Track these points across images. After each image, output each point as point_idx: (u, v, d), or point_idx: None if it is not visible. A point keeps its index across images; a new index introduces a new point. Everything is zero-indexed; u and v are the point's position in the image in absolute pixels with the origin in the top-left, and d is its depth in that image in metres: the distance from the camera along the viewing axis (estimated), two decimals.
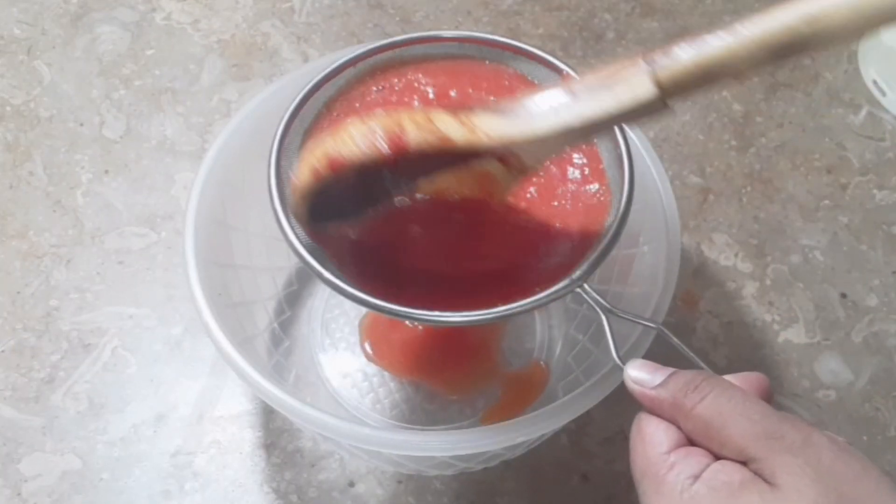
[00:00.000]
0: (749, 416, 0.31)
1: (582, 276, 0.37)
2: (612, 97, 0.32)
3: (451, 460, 0.46)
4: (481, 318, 0.36)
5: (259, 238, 0.52)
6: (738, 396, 0.32)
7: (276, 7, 0.71)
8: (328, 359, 0.55)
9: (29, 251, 0.59)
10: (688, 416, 0.32)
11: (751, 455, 0.30)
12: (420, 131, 0.36)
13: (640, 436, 0.33)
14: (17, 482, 0.51)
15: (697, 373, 0.33)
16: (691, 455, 0.32)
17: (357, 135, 0.36)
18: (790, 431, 0.30)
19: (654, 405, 0.33)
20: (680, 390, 0.33)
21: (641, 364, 0.35)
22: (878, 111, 0.67)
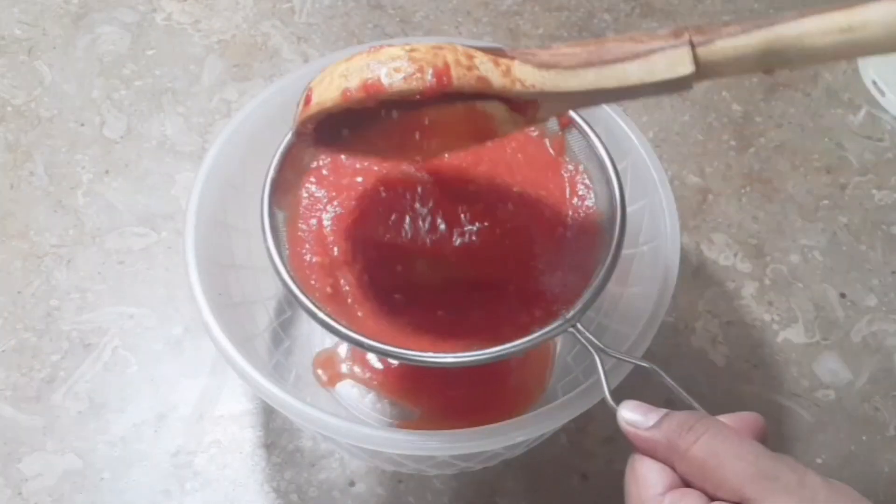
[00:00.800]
0: (744, 456, 0.31)
1: (576, 316, 0.38)
2: (649, 67, 0.33)
3: (451, 460, 0.46)
4: (473, 359, 0.37)
5: (259, 238, 0.52)
6: (733, 437, 0.32)
7: (277, 7, 0.72)
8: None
9: (30, 251, 0.59)
10: (682, 457, 0.32)
11: (746, 496, 0.30)
12: (461, 69, 0.35)
13: (634, 477, 0.33)
14: (18, 482, 0.51)
15: (691, 414, 0.33)
16: (686, 496, 0.31)
17: (404, 64, 0.34)
18: (785, 472, 0.30)
19: (649, 446, 0.33)
20: (674, 431, 0.32)
21: (635, 405, 0.35)
22: (878, 111, 0.67)
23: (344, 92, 0.35)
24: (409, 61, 0.34)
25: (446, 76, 0.34)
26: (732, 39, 0.32)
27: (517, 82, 0.35)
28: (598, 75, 0.34)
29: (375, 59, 0.35)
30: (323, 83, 0.36)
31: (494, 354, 0.37)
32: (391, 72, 0.34)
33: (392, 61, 0.35)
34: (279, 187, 0.41)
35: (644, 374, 0.38)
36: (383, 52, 0.35)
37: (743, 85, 0.68)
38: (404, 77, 0.34)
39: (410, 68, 0.34)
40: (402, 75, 0.34)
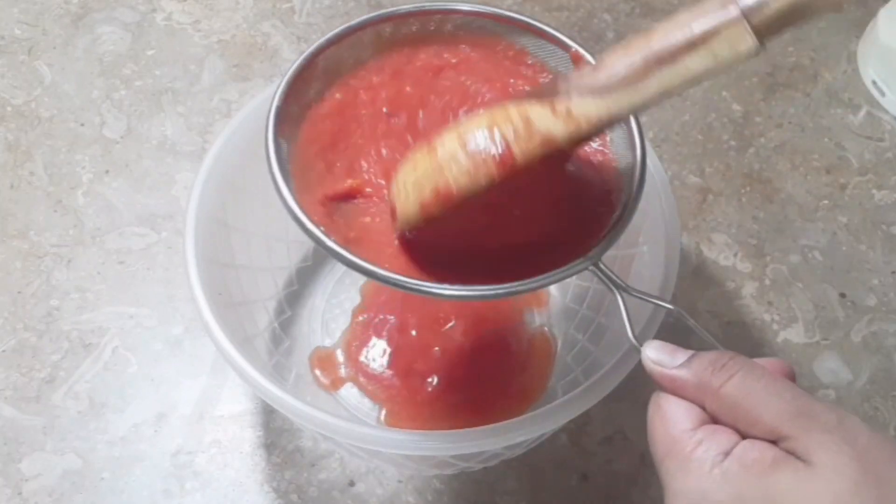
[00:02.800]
0: (780, 394, 0.30)
1: (597, 254, 0.36)
2: (709, 54, 0.31)
3: (451, 460, 0.46)
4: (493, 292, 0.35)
5: (259, 238, 0.52)
6: (768, 376, 0.31)
7: (277, 7, 0.72)
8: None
9: (30, 251, 0.59)
10: (715, 395, 0.31)
11: (783, 434, 0.29)
12: (521, 140, 0.34)
13: (660, 414, 0.32)
14: (18, 482, 0.51)
15: (722, 352, 0.32)
16: (719, 432, 0.31)
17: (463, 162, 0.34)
18: (824, 411, 0.29)
19: (677, 386, 0.32)
20: (705, 370, 0.32)
21: (660, 345, 0.34)
22: (878, 111, 0.67)
23: (422, 206, 0.35)
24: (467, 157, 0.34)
25: (509, 157, 0.34)
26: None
27: (581, 123, 0.33)
28: (661, 81, 0.32)
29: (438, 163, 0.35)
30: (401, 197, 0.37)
31: (514, 288, 0.35)
32: (456, 175, 0.34)
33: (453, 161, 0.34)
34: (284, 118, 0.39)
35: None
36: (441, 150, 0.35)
37: (743, 85, 0.68)
38: (469, 176, 0.34)
39: (472, 164, 0.34)
40: (467, 175, 0.34)
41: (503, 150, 0.34)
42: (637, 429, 0.53)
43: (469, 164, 0.34)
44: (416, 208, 0.36)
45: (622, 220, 0.37)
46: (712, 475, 0.30)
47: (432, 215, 0.35)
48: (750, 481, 0.29)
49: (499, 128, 0.34)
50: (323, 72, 0.41)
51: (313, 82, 0.41)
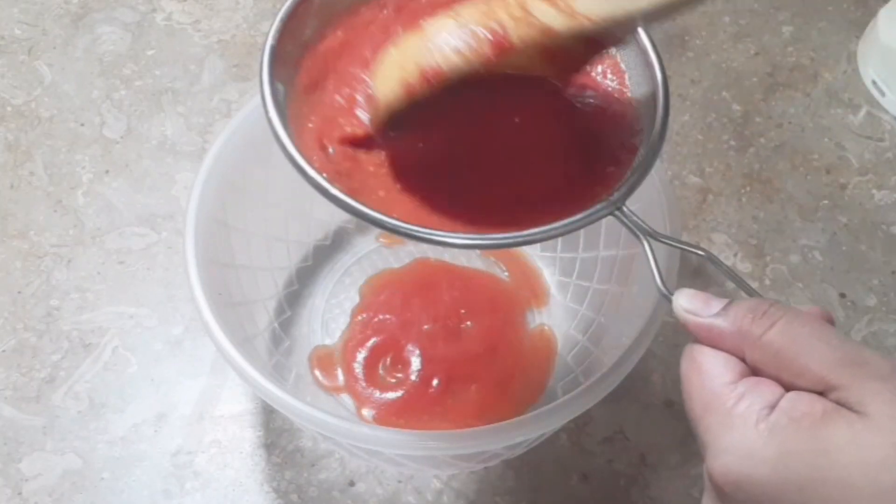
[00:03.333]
0: (828, 341, 0.28)
1: (621, 198, 0.34)
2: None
3: (451, 460, 0.46)
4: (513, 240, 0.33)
5: (259, 238, 0.52)
6: (812, 322, 0.29)
7: (277, 7, 0.71)
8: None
9: (30, 251, 0.59)
10: (756, 344, 0.29)
11: (832, 383, 0.27)
12: (519, 25, 0.31)
13: (695, 367, 0.30)
14: (18, 482, 0.51)
15: (762, 300, 0.30)
16: (762, 384, 0.29)
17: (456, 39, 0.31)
18: (875, 358, 0.27)
19: (713, 335, 0.30)
20: (744, 317, 0.29)
21: (693, 293, 0.32)
22: (878, 111, 0.67)
23: (406, 87, 0.33)
24: (460, 33, 0.32)
25: (505, 40, 0.31)
26: None
27: (583, 20, 0.31)
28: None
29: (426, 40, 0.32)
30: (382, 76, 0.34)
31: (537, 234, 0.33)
32: (446, 52, 0.31)
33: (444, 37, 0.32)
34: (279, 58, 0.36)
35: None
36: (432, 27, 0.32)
37: (743, 85, 0.68)
38: (460, 54, 0.31)
39: (463, 42, 0.31)
40: (458, 53, 0.31)
41: (500, 33, 0.31)
42: (637, 429, 0.53)
43: (461, 44, 0.32)
44: (399, 89, 0.33)
45: (646, 161, 0.35)
46: (758, 430, 0.27)
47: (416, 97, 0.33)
48: (800, 435, 0.27)
49: (496, 13, 0.32)
50: (319, 8, 0.38)
51: (310, 19, 0.38)
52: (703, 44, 0.70)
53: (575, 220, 0.33)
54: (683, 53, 0.69)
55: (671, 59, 0.69)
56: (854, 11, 0.72)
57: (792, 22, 0.71)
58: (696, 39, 0.70)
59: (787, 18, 0.72)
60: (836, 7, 0.72)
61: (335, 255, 0.59)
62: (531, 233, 0.33)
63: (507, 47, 0.31)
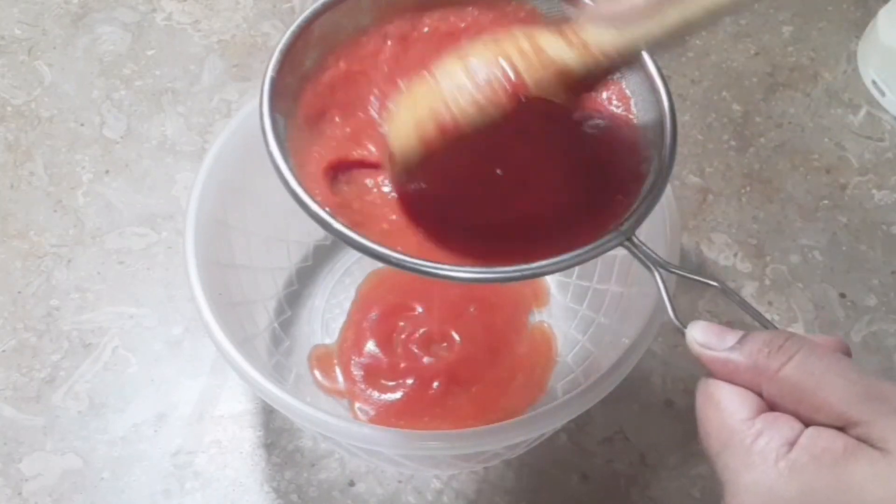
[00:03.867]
0: (846, 375, 0.27)
1: (630, 228, 0.33)
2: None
3: (451, 460, 0.46)
4: (521, 273, 0.32)
5: (259, 238, 0.52)
6: (830, 356, 0.28)
7: (277, 7, 0.72)
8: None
9: (30, 251, 0.59)
10: (772, 379, 0.28)
11: (853, 419, 0.27)
12: (533, 69, 0.31)
13: (712, 403, 0.29)
14: (18, 482, 0.51)
15: (777, 332, 0.30)
16: (780, 420, 0.28)
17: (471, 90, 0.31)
18: (895, 392, 0.27)
19: (729, 369, 0.30)
20: (760, 351, 0.29)
21: (706, 326, 0.31)
22: (878, 111, 0.67)
23: (423, 141, 0.32)
24: (475, 82, 0.31)
25: (521, 87, 0.31)
26: None
27: (597, 54, 0.31)
28: (682, 11, 0.29)
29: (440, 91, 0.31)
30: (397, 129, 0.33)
31: (546, 267, 0.32)
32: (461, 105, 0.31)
33: (459, 89, 0.31)
34: (279, 90, 0.36)
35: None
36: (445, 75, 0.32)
37: (743, 85, 0.68)
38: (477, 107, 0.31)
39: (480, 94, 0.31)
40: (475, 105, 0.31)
41: (514, 80, 0.31)
42: (637, 429, 0.53)
43: (477, 94, 0.31)
44: (417, 145, 0.32)
45: (655, 188, 0.34)
46: (778, 468, 0.27)
47: (435, 151, 0.32)
48: (821, 473, 0.26)
49: (509, 56, 0.31)
50: (319, 40, 0.38)
51: (309, 51, 0.38)
52: (703, 44, 0.70)
53: (584, 252, 0.33)
54: (683, 53, 0.69)
55: (671, 59, 0.69)
56: (854, 11, 0.72)
57: (792, 22, 0.71)
58: (696, 39, 0.70)
59: (787, 18, 0.72)
60: (836, 7, 0.72)
61: (335, 255, 0.59)
62: (540, 265, 0.32)
63: (522, 95, 0.31)
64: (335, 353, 0.55)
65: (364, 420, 0.52)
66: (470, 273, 0.33)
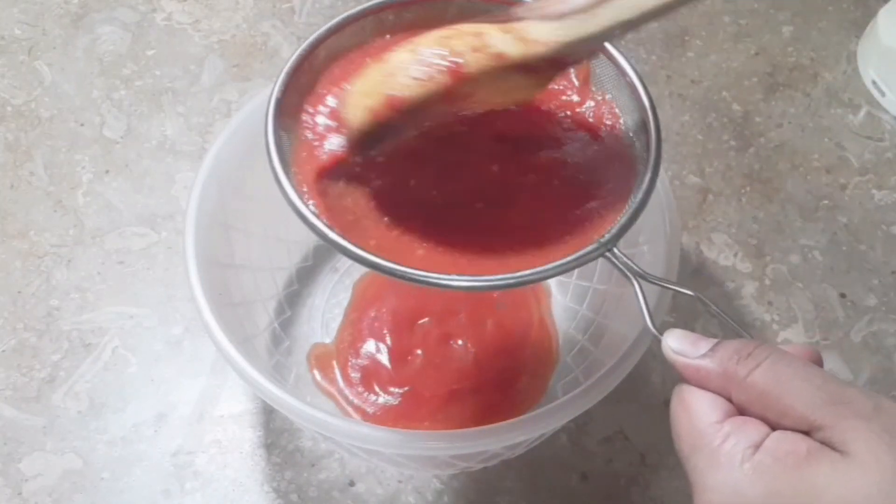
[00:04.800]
0: (811, 380, 0.28)
1: (611, 240, 0.35)
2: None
3: (451, 460, 0.46)
4: (503, 282, 0.34)
5: (259, 238, 0.52)
6: (797, 362, 0.29)
7: (277, 7, 0.72)
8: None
9: (29, 251, 0.59)
10: (741, 385, 0.29)
11: (816, 423, 0.28)
12: (475, 54, 0.33)
13: (684, 406, 0.31)
14: (18, 482, 0.51)
15: (748, 340, 0.31)
16: (748, 424, 0.29)
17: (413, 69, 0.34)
18: (858, 397, 0.28)
19: (701, 376, 0.31)
20: (730, 358, 0.30)
21: (682, 334, 0.32)
22: (878, 111, 0.67)
23: (371, 112, 0.35)
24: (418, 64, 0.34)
25: (461, 67, 0.33)
26: None
27: (535, 44, 0.33)
28: (616, 10, 0.32)
29: (387, 71, 0.35)
30: (348, 105, 0.36)
31: (525, 277, 0.34)
32: (406, 81, 0.34)
33: (403, 68, 0.34)
34: (283, 109, 0.38)
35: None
36: (392, 60, 0.35)
37: (743, 85, 0.68)
38: (419, 82, 0.34)
39: (422, 71, 0.34)
40: (417, 81, 0.34)
41: (455, 60, 0.33)
42: (637, 429, 0.53)
43: (419, 72, 0.34)
44: (365, 114, 0.35)
45: (638, 203, 0.36)
46: (743, 469, 0.28)
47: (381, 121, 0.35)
48: (784, 475, 0.27)
49: (451, 41, 0.34)
50: (324, 60, 0.40)
51: (313, 72, 0.40)
52: (703, 44, 0.70)
53: (566, 262, 0.34)
54: (683, 53, 0.69)
55: (671, 59, 0.69)
56: (854, 11, 0.72)
57: (792, 22, 0.71)
58: (696, 39, 0.70)
59: (787, 18, 0.72)
60: (836, 7, 0.72)
61: (335, 255, 0.59)
62: (522, 275, 0.34)
63: (462, 74, 0.33)
64: (333, 353, 0.55)
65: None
66: (455, 281, 0.34)
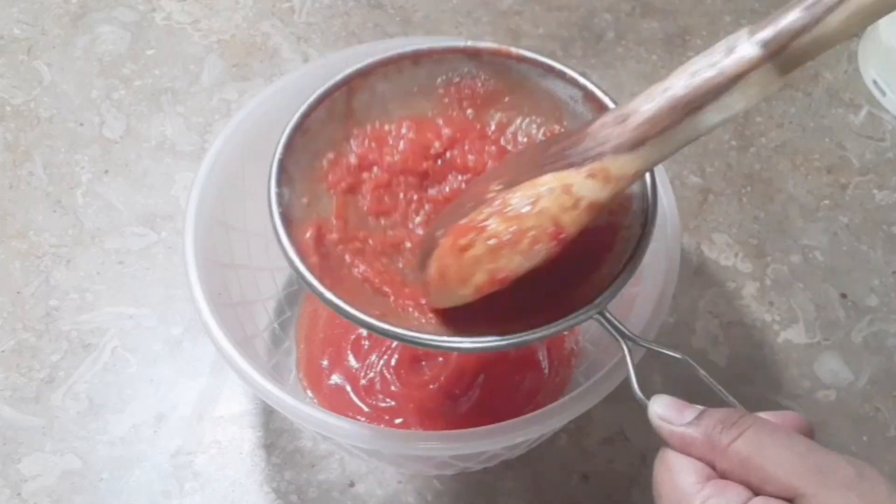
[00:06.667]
0: (793, 448, 0.29)
1: (603, 302, 0.36)
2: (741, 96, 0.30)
3: (451, 460, 0.46)
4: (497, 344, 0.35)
5: (259, 238, 0.52)
6: (779, 431, 0.30)
7: (276, 7, 0.71)
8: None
9: (29, 251, 0.59)
10: (724, 453, 0.30)
11: (799, 491, 0.28)
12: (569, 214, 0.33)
13: (666, 467, 0.31)
14: (17, 482, 0.51)
15: (733, 410, 0.31)
16: (729, 487, 0.30)
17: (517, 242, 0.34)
18: (841, 464, 0.28)
19: (685, 443, 0.32)
20: (714, 427, 0.31)
21: (668, 401, 0.33)
22: (878, 111, 0.67)
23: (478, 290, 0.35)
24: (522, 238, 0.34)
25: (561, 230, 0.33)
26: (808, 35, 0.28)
27: (621, 182, 0.33)
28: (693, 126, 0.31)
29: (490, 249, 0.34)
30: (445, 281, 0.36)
31: (517, 340, 0.35)
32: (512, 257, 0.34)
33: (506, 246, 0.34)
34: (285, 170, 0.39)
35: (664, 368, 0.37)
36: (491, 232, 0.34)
37: None
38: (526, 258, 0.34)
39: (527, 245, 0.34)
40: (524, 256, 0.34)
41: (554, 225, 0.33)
42: (637, 429, 0.53)
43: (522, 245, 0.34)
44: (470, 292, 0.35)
45: (627, 268, 0.36)
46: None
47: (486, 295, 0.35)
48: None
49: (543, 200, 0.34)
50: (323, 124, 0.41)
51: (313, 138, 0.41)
52: (703, 44, 0.70)
53: (559, 325, 0.35)
54: (684, 53, 0.69)
55: (671, 59, 0.69)
56: None
57: None
58: (697, 39, 0.70)
59: None
60: None
61: None
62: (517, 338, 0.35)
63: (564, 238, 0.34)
64: (327, 357, 0.54)
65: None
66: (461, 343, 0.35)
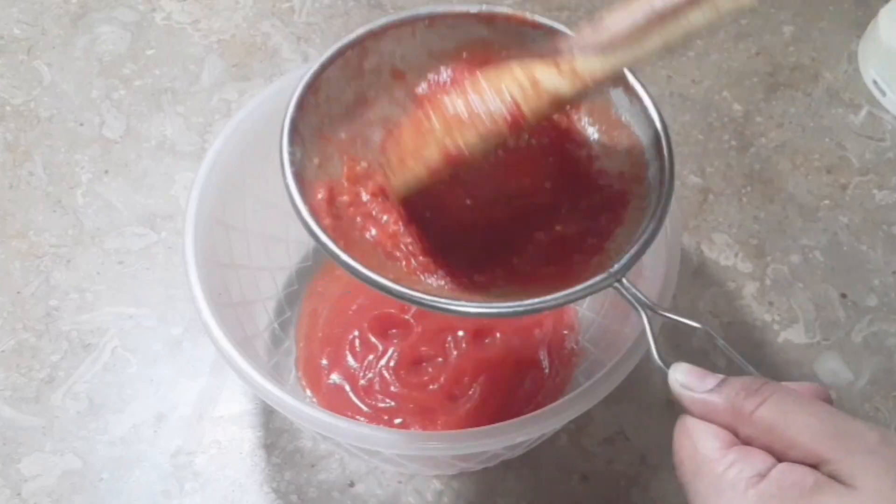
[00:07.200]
0: (817, 414, 0.29)
1: (621, 270, 0.35)
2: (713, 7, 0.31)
3: (451, 460, 0.46)
4: (511, 310, 0.34)
5: (259, 238, 0.52)
6: (803, 398, 0.30)
7: (276, 7, 0.71)
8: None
9: (29, 251, 0.59)
10: (748, 419, 0.30)
11: (823, 457, 0.28)
12: (529, 99, 0.33)
13: (687, 434, 0.31)
14: (17, 482, 0.51)
15: (754, 377, 0.31)
16: (753, 453, 0.29)
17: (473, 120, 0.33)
18: (864, 430, 0.28)
19: (707, 410, 0.31)
20: (737, 394, 0.30)
21: (689, 369, 0.32)
22: (878, 111, 0.67)
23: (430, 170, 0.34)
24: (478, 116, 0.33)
25: (519, 116, 0.33)
26: None
27: (587, 79, 0.33)
28: (663, 35, 0.32)
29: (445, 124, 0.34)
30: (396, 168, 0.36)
31: (534, 306, 0.34)
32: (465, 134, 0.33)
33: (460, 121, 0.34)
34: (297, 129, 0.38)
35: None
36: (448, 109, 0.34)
37: (743, 85, 0.68)
38: (478, 136, 0.33)
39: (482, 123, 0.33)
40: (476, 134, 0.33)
41: (513, 109, 0.33)
42: (637, 429, 0.53)
43: (478, 123, 0.33)
44: (423, 172, 0.35)
45: (648, 234, 0.36)
46: (747, 497, 0.28)
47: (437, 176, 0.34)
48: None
49: (506, 87, 0.34)
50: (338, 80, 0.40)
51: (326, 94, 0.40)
52: (703, 44, 0.70)
53: (574, 292, 0.34)
54: (684, 53, 0.69)
55: (672, 59, 0.69)
56: (855, 11, 0.72)
57: (793, 22, 0.71)
58: (697, 39, 0.70)
59: (787, 18, 0.72)
60: (837, 7, 0.72)
61: None
62: (531, 303, 0.34)
63: (520, 123, 0.33)
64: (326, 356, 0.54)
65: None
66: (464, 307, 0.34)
